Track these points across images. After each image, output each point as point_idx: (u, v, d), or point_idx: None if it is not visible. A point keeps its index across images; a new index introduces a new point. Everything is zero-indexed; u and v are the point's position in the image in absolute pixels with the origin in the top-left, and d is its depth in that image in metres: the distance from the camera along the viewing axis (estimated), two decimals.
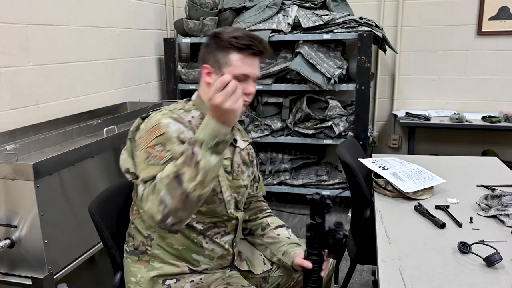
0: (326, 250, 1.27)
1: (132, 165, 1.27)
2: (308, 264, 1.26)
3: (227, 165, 1.33)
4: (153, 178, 1.13)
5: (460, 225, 1.44)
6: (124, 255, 1.37)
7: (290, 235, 1.51)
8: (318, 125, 3.20)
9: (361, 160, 1.95)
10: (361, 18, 3.10)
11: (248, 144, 1.45)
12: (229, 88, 1.08)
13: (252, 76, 1.28)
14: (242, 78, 1.25)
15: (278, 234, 1.50)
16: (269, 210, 1.57)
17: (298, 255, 1.40)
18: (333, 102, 3.21)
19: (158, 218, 1.09)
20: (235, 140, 1.37)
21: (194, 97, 1.36)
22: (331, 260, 1.51)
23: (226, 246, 1.37)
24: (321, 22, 3.07)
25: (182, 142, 1.19)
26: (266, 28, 3.14)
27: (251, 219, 1.53)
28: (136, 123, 1.31)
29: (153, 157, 1.16)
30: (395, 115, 3.55)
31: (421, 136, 3.65)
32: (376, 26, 3.11)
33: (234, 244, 1.40)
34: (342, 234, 1.21)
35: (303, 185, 3.37)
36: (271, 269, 1.49)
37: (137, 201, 1.33)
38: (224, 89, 1.08)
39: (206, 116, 1.12)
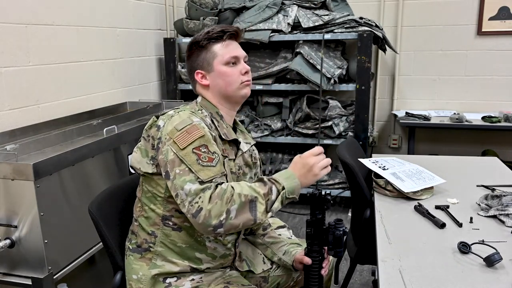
0: (326, 248, 1.27)
1: (145, 164, 1.29)
2: (307, 260, 1.28)
3: (232, 166, 1.33)
4: (212, 178, 1.18)
5: (460, 225, 1.44)
6: (126, 252, 1.37)
7: (291, 236, 1.52)
8: (318, 125, 3.20)
9: (361, 160, 1.95)
10: (361, 18, 3.10)
11: (251, 146, 1.46)
12: (324, 157, 1.25)
13: (240, 56, 1.36)
14: (233, 61, 1.34)
15: (280, 234, 1.51)
16: None
17: (299, 254, 1.42)
18: (333, 102, 3.21)
19: (213, 223, 1.13)
20: (238, 142, 1.37)
21: (199, 99, 1.39)
22: (331, 259, 1.51)
23: (229, 245, 1.37)
24: (321, 22, 3.07)
25: (215, 141, 1.26)
26: (266, 28, 3.14)
27: None
28: (150, 122, 1.33)
29: (204, 158, 1.20)
30: (395, 115, 3.55)
31: (421, 136, 3.65)
32: (376, 26, 3.11)
33: (237, 244, 1.40)
34: (342, 230, 1.24)
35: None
36: (270, 268, 1.49)
37: (142, 198, 1.33)
38: (320, 155, 1.24)
39: (290, 169, 1.25)
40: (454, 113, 3.32)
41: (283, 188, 1.20)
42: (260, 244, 1.53)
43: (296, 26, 3.17)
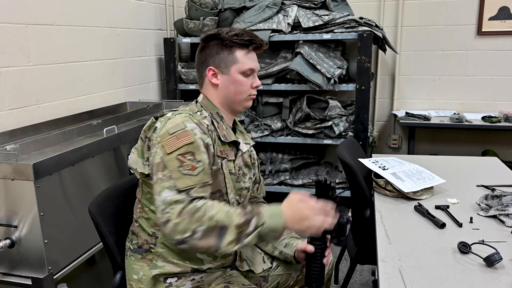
0: (329, 236, 1.26)
1: (141, 165, 1.29)
2: (310, 248, 1.26)
3: (231, 167, 1.33)
4: (190, 188, 1.15)
5: (460, 225, 1.44)
6: (127, 252, 1.37)
7: (291, 232, 1.51)
8: (318, 125, 3.20)
9: (361, 160, 1.95)
10: (361, 18, 3.10)
11: (250, 147, 1.46)
12: (331, 215, 1.18)
13: (256, 69, 1.36)
14: (249, 73, 1.34)
15: None
16: None
17: (301, 243, 1.42)
18: (333, 102, 3.21)
19: (176, 237, 1.11)
20: (238, 143, 1.37)
21: (200, 98, 1.38)
22: (330, 260, 1.51)
23: None
24: (321, 22, 3.07)
25: (206, 147, 1.23)
26: (266, 28, 3.14)
27: None
28: (149, 123, 1.33)
29: (186, 166, 1.17)
30: (395, 115, 3.55)
31: (421, 136, 3.65)
32: (376, 26, 3.11)
33: None
34: (345, 218, 1.21)
35: (303, 185, 3.37)
36: (270, 267, 1.49)
37: (142, 200, 1.33)
38: (328, 213, 1.17)
39: (282, 208, 1.16)
40: (454, 113, 3.32)
41: (263, 224, 1.13)
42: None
43: (296, 26, 3.17)
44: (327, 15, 3.12)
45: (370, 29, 3.03)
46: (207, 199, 1.19)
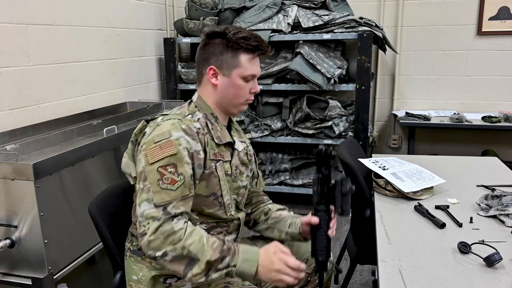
0: (333, 208, 1.26)
1: (133, 169, 1.28)
2: (315, 219, 1.26)
3: (227, 168, 1.33)
4: (167, 204, 1.16)
5: (460, 225, 1.44)
6: (127, 253, 1.36)
7: (293, 216, 1.51)
8: (318, 125, 3.20)
9: (361, 160, 1.95)
10: (361, 18, 3.10)
11: (247, 144, 1.45)
12: (302, 275, 1.21)
13: (257, 75, 1.33)
14: (250, 79, 1.31)
15: (281, 214, 1.51)
16: (270, 201, 1.58)
17: (304, 218, 1.42)
18: (333, 102, 3.21)
19: (149, 253, 1.15)
20: (234, 142, 1.37)
21: (195, 98, 1.36)
22: (332, 263, 1.50)
23: None
24: (321, 22, 3.07)
25: (191, 157, 1.21)
26: (266, 28, 3.14)
27: (253, 211, 1.54)
28: (140, 126, 1.31)
29: (166, 179, 1.17)
30: (395, 115, 3.55)
31: (421, 136, 3.65)
32: (376, 26, 3.11)
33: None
34: (348, 187, 1.21)
35: (303, 185, 3.37)
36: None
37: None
38: (296, 273, 1.20)
39: (258, 256, 1.19)
40: (454, 113, 3.32)
41: (234, 266, 1.17)
42: (265, 229, 1.51)
43: (296, 26, 3.17)
44: (327, 15, 3.12)
45: (370, 29, 3.03)
46: (187, 215, 1.21)
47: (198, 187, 1.26)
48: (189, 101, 1.37)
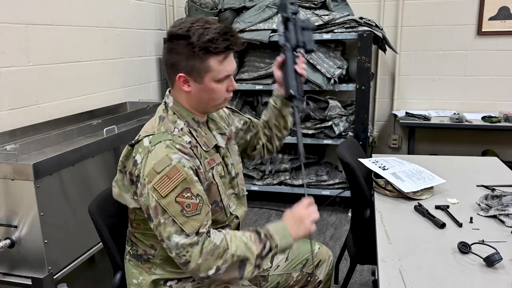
0: (303, 51, 1.41)
1: (130, 200, 1.23)
2: (281, 57, 1.39)
3: (220, 170, 1.31)
4: (198, 228, 1.13)
5: (460, 225, 1.44)
6: (126, 256, 1.36)
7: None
8: (318, 125, 3.20)
9: (361, 160, 1.95)
10: (361, 18, 3.10)
11: (226, 134, 1.38)
12: (314, 209, 1.27)
13: (232, 71, 1.23)
14: (225, 79, 1.22)
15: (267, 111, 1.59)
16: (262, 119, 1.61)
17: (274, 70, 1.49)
18: (333, 102, 3.21)
19: (201, 275, 1.15)
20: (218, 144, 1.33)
21: (170, 102, 1.27)
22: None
23: None
24: (321, 22, 3.07)
25: (196, 174, 1.17)
26: (266, 28, 3.14)
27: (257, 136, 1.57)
28: (125, 152, 1.24)
29: (188, 207, 1.13)
30: (395, 115, 3.55)
31: (421, 136, 3.65)
32: (376, 26, 3.11)
33: None
34: (306, 22, 1.38)
35: (303, 185, 3.37)
36: (270, 267, 1.49)
37: (136, 219, 1.28)
38: (310, 206, 1.26)
39: (286, 225, 1.24)
40: (454, 113, 3.32)
41: (276, 246, 1.20)
42: (270, 127, 1.58)
43: None
44: (327, 15, 3.12)
45: (370, 29, 3.03)
46: (223, 230, 1.22)
47: None
48: (163, 105, 1.29)
